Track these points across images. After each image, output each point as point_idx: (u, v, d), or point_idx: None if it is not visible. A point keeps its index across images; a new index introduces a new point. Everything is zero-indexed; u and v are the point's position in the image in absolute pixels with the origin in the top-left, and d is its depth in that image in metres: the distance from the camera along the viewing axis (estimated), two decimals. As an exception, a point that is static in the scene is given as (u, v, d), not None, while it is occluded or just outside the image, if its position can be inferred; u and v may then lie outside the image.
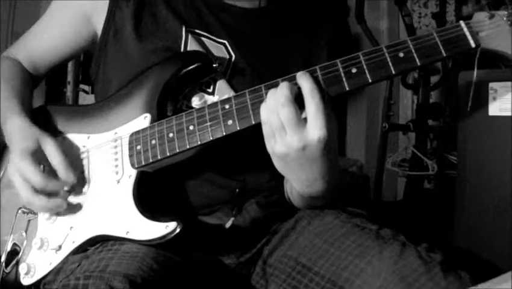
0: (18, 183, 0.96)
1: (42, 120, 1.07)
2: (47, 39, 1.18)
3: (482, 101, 1.43)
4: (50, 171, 0.97)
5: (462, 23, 0.83)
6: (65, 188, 0.99)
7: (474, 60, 0.86)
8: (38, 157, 0.97)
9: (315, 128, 0.80)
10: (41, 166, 0.98)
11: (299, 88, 0.83)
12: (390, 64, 0.83)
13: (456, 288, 0.81)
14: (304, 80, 0.82)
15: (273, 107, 0.81)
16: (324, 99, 0.82)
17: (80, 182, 1.01)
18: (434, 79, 2.43)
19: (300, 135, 0.80)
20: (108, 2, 1.08)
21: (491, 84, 1.42)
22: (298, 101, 0.82)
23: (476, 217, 1.46)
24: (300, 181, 0.90)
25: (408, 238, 0.93)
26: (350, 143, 3.18)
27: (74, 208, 1.00)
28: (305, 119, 0.82)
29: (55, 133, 1.05)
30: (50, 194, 0.97)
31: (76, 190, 1.01)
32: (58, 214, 1.01)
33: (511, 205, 1.36)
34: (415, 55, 0.82)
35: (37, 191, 0.95)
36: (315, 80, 0.83)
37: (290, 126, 0.80)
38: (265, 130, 0.84)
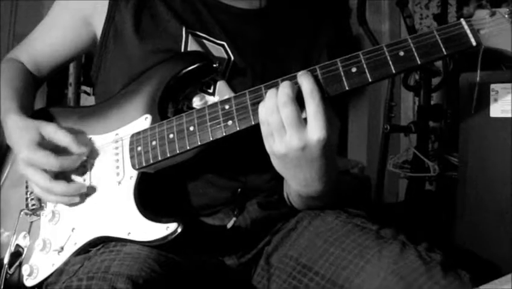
0: (33, 175, 0.96)
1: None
2: (49, 41, 1.19)
3: (483, 102, 1.43)
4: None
5: (463, 20, 0.82)
6: (83, 158, 0.99)
7: (476, 61, 0.85)
8: (44, 145, 0.98)
9: (316, 129, 0.79)
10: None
11: (300, 88, 0.82)
12: (390, 63, 0.82)
13: (456, 287, 0.81)
14: (305, 80, 0.82)
15: (273, 106, 0.81)
16: (325, 99, 0.81)
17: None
18: (435, 80, 2.42)
19: (300, 134, 0.80)
20: (107, 3, 1.09)
21: (492, 86, 1.41)
22: (298, 101, 0.81)
23: (477, 218, 1.46)
24: (297, 181, 0.90)
25: (408, 238, 0.93)
26: (352, 144, 3.17)
27: (76, 209, 1.00)
28: (306, 119, 0.81)
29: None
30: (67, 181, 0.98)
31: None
32: (60, 215, 1.01)
33: (512, 206, 1.36)
34: (415, 53, 0.81)
35: (54, 178, 0.96)
36: (316, 80, 0.82)
37: (291, 126, 0.80)
38: (263, 130, 0.84)
